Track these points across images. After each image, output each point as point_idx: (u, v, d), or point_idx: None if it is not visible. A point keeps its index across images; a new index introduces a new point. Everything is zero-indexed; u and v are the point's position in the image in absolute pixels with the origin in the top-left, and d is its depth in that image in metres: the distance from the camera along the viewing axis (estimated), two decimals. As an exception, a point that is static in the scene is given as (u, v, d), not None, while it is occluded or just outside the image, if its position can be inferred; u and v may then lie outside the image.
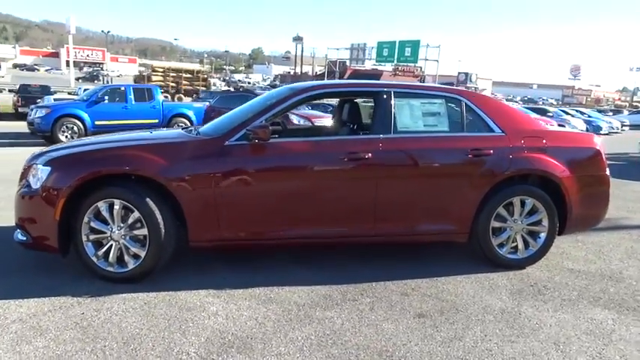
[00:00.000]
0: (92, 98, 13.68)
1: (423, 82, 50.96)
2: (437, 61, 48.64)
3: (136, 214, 3.46)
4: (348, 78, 75.72)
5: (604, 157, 4.26)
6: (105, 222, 3.52)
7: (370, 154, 3.72)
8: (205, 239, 3.64)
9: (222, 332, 2.88)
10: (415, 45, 48.88)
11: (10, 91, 28.92)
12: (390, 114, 3.89)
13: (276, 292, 3.47)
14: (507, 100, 73.45)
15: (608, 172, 4.27)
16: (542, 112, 22.85)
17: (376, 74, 73.16)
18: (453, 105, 4.07)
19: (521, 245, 4.09)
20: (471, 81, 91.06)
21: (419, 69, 55.16)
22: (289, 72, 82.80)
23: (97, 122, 13.32)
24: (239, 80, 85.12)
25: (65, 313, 3.07)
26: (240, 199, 3.62)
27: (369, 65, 56.75)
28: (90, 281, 3.53)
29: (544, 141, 4.08)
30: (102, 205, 3.48)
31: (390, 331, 2.95)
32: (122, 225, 3.50)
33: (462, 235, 4.00)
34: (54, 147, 3.95)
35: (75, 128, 12.85)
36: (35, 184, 3.52)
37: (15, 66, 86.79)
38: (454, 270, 3.99)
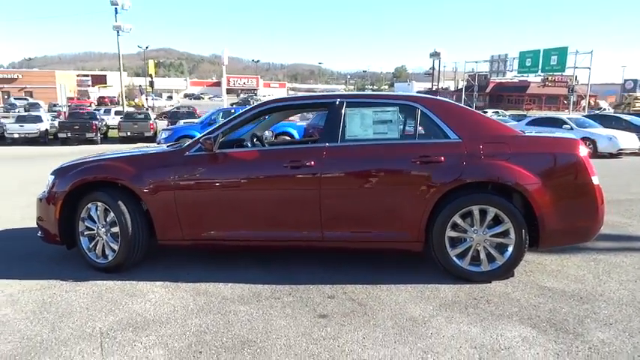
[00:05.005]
0: (206, 120, 15.42)
1: (573, 91, 46.57)
2: (589, 68, 44.06)
3: (112, 215, 4.11)
4: (490, 91, 72.46)
5: (588, 164, 3.82)
6: (94, 221, 4.22)
7: (313, 162, 3.90)
8: (170, 238, 4.15)
9: (137, 315, 3.32)
10: (562, 52, 44.97)
11: (164, 116, 33.37)
12: (338, 123, 4.02)
13: (217, 287, 3.82)
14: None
15: (595, 180, 3.83)
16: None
17: (523, 86, 68.90)
18: (407, 112, 4.05)
19: (483, 257, 3.86)
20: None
21: (574, 77, 50.42)
22: (430, 88, 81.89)
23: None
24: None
25: (43, 292, 3.78)
26: (196, 204, 4.06)
27: (510, 77, 53.64)
28: (83, 269, 4.24)
29: (507, 147, 3.83)
30: (91, 207, 4.20)
31: (278, 326, 3.12)
32: (104, 223, 4.17)
33: (416, 243, 3.93)
34: (70, 160, 4.81)
35: (190, 147, 14.61)
36: (46, 190, 4.38)
37: (185, 95, 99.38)
38: (408, 279, 3.92)
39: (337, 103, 4.09)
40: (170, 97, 75.71)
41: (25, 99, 58.83)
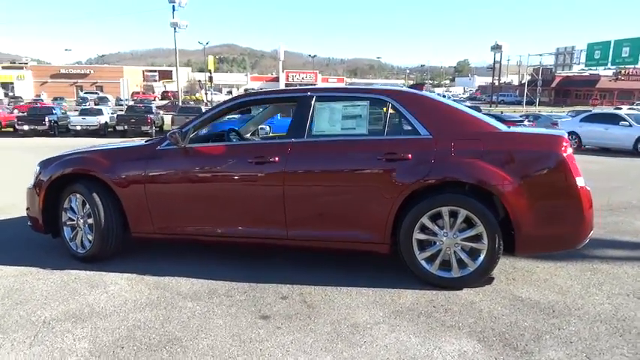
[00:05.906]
0: (244, 114, 15.59)
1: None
2: (665, 60, 40.81)
3: (88, 206, 4.19)
4: (555, 86, 68.77)
5: (572, 164, 3.47)
6: (75, 211, 4.34)
7: (277, 158, 3.79)
8: (142, 231, 4.19)
9: (86, 306, 3.37)
10: (635, 43, 41.87)
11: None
12: (306, 118, 3.89)
13: (178, 282, 3.80)
14: None
15: (580, 182, 3.47)
16: None
17: (592, 80, 64.86)
18: (377, 107, 3.86)
19: (454, 262, 3.61)
20: None
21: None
22: (492, 82, 79.03)
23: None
24: (437, 94, 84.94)
25: (16, 279, 3.92)
26: (165, 198, 4.07)
27: (576, 70, 50.65)
28: (66, 259, 4.35)
29: (482, 144, 3.55)
30: (72, 198, 4.32)
31: (213, 325, 3.05)
32: (82, 214, 4.27)
33: (382, 245, 3.73)
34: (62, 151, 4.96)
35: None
36: (32, 180, 4.54)
37: (245, 90, 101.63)
38: (373, 282, 3.74)
39: (306, 97, 3.96)
40: (230, 92, 77.68)
41: (96, 93, 62.46)
